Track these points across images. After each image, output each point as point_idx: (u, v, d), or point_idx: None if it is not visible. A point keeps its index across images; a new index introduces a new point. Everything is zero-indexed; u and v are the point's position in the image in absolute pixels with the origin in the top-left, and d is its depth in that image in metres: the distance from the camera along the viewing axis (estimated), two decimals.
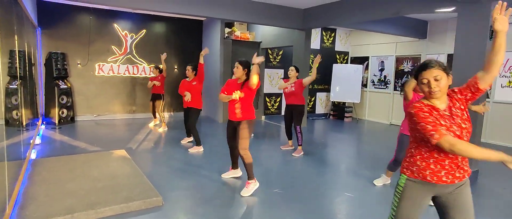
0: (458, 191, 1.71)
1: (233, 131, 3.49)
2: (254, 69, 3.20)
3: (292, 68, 4.98)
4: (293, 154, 4.91)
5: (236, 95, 3.27)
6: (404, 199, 1.75)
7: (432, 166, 1.67)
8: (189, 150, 4.94)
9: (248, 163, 3.31)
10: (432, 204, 1.81)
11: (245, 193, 3.31)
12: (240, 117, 3.35)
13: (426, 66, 1.64)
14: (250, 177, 3.37)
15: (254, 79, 3.18)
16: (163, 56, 6.17)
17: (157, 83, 6.33)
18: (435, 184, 1.68)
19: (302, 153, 4.95)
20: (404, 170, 1.78)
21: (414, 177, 1.72)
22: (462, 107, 1.68)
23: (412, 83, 3.00)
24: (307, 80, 4.85)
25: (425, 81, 1.65)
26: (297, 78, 4.97)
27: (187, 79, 5.11)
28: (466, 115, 1.68)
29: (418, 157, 1.71)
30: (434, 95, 1.64)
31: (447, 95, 1.71)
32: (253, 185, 3.37)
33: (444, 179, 1.66)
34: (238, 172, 3.82)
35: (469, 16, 4.11)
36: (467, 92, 1.68)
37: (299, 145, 4.95)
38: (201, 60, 4.69)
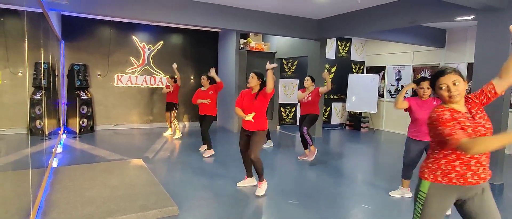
0: (482, 197, 1.71)
1: (247, 140, 3.57)
2: (270, 74, 3.30)
3: (307, 78, 4.99)
4: (307, 159, 4.90)
5: (250, 117, 3.41)
6: (429, 206, 1.73)
7: (458, 169, 1.68)
8: (203, 155, 5.18)
9: (260, 167, 3.48)
10: (449, 213, 1.81)
11: (260, 193, 3.50)
12: (254, 127, 3.45)
13: (443, 72, 1.71)
14: (260, 178, 3.56)
15: (270, 83, 3.31)
16: (174, 65, 6.34)
17: (167, 90, 6.49)
18: (460, 186, 1.69)
19: (315, 152, 4.96)
20: (426, 175, 1.76)
21: (438, 181, 1.71)
22: (481, 110, 1.74)
23: (407, 88, 3.26)
24: (323, 89, 4.83)
25: (443, 86, 1.69)
26: (314, 87, 4.99)
27: (202, 88, 5.28)
28: (486, 116, 1.73)
29: (442, 161, 1.71)
30: (454, 99, 1.68)
31: (469, 101, 1.77)
32: (264, 184, 3.59)
33: (470, 180, 1.67)
34: (254, 181, 3.83)
35: (489, 24, 4.02)
36: (483, 97, 1.77)
37: (310, 145, 4.92)
38: (217, 79, 5.05)
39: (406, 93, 4.26)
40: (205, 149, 5.36)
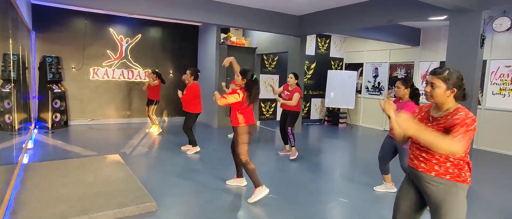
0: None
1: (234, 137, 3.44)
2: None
3: (291, 75, 4.95)
4: (290, 156, 4.93)
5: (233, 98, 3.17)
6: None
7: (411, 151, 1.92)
8: (187, 152, 5.05)
9: (248, 169, 3.28)
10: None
11: (251, 200, 3.27)
12: (232, 123, 3.34)
13: (431, 71, 1.79)
14: (255, 185, 3.31)
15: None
16: (150, 72, 6.51)
17: (155, 83, 6.30)
18: (412, 169, 1.88)
19: (297, 153, 4.97)
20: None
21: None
22: (442, 128, 1.71)
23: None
24: (292, 102, 4.80)
25: (425, 82, 1.82)
26: (297, 85, 4.96)
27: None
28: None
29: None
30: (426, 97, 1.80)
31: (452, 112, 1.70)
32: (259, 192, 3.28)
33: (414, 162, 1.85)
34: (243, 182, 3.73)
35: (460, 24, 4.20)
36: (450, 126, 1.70)
37: (292, 146, 4.95)
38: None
39: (391, 96, 4.34)
40: (189, 148, 5.19)
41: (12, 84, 5.15)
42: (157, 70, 6.48)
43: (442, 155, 1.71)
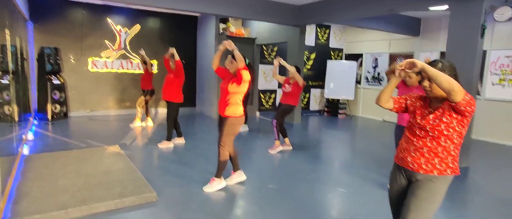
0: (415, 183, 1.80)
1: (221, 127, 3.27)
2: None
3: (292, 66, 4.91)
4: (269, 150, 4.80)
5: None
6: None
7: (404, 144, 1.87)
8: (158, 145, 4.85)
9: (222, 160, 3.24)
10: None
11: (207, 189, 3.26)
12: (233, 114, 3.19)
13: (430, 64, 1.72)
14: (217, 174, 3.31)
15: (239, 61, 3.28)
16: (142, 52, 5.99)
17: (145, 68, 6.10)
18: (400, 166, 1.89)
19: (279, 148, 4.83)
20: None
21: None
22: (443, 119, 1.70)
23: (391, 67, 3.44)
24: (300, 81, 4.70)
25: (422, 78, 1.75)
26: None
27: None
28: (438, 124, 1.70)
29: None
30: (425, 92, 1.77)
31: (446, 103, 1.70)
32: (217, 183, 3.30)
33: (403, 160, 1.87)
34: (242, 175, 3.56)
35: (461, 13, 4.17)
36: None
37: (275, 140, 4.82)
38: (177, 57, 4.62)
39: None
40: (163, 140, 4.94)
41: (11, 75, 5.13)
42: (146, 60, 6.09)
43: (444, 153, 1.72)
